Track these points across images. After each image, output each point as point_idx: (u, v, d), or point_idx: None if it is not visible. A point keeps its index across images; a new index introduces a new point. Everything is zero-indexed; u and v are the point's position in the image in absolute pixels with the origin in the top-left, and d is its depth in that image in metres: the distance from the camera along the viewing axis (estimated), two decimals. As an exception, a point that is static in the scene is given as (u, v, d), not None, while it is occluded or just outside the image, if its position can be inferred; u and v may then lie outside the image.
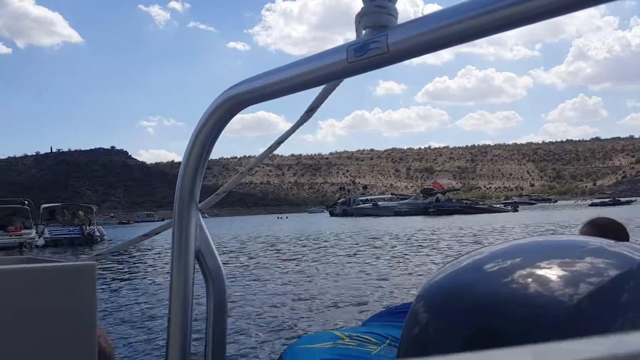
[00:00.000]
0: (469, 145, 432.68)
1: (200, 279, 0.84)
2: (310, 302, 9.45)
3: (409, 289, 9.93)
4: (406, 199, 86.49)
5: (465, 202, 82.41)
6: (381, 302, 8.84)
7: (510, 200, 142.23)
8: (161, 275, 13.51)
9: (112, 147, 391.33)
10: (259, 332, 7.40)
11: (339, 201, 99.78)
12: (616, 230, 2.26)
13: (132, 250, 20.68)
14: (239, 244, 26.15)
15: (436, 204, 72.22)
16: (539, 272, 0.62)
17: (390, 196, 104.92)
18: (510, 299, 0.60)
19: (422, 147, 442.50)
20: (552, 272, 0.62)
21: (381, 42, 0.58)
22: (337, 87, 0.78)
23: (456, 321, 0.63)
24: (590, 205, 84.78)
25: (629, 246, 0.70)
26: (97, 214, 36.37)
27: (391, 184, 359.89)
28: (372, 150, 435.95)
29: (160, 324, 7.87)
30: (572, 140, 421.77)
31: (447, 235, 25.89)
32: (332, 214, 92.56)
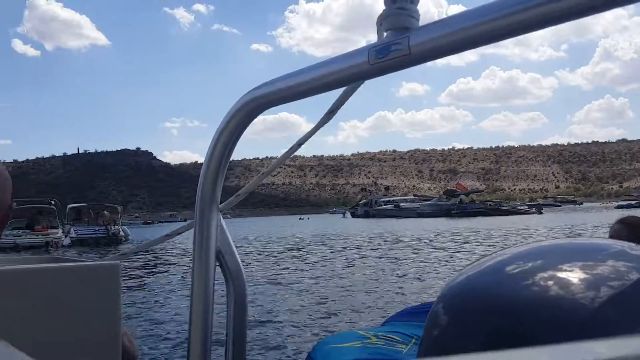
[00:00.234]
0: (493, 146, 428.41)
1: (220, 279, 0.85)
2: (330, 302, 9.45)
3: (429, 290, 9.85)
4: (429, 201, 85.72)
5: (488, 203, 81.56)
6: (401, 303, 8.79)
7: (534, 202, 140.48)
8: (183, 275, 13.64)
9: (138, 149, 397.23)
10: (281, 332, 7.43)
11: (361, 202, 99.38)
12: None
13: (156, 249, 20.94)
14: (262, 244, 26.27)
15: (459, 206, 71.67)
16: (560, 274, 0.62)
17: (412, 197, 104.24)
18: (530, 301, 0.60)
19: (446, 148, 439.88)
20: (573, 275, 0.61)
21: (403, 44, 0.58)
22: (357, 89, 0.79)
23: (476, 323, 0.63)
24: (616, 207, 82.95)
25: None
26: (122, 214, 36.91)
27: (414, 185, 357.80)
28: (394, 151, 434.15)
29: (181, 323, 7.95)
30: (598, 141, 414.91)
31: (469, 237, 25.62)
32: (353, 215, 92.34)
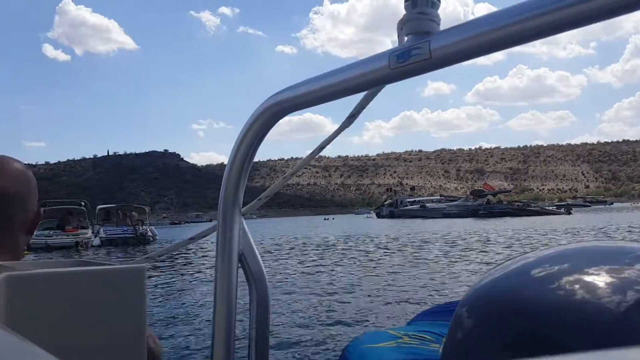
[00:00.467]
0: (521, 145, 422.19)
1: (243, 281, 0.86)
2: (355, 302, 9.45)
3: (454, 291, 9.76)
4: (455, 201, 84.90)
5: (516, 204, 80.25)
6: (424, 303, 8.73)
7: (563, 202, 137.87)
8: (206, 276, 13.77)
9: (165, 150, 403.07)
10: (307, 333, 7.44)
11: (386, 203, 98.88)
12: None
13: (180, 250, 21.19)
14: (287, 245, 26.34)
15: (486, 206, 70.91)
16: (587, 278, 0.60)
17: (439, 198, 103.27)
18: (556, 305, 0.59)
19: (473, 148, 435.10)
20: (600, 279, 0.60)
21: (423, 48, 0.59)
22: (378, 93, 0.79)
23: (501, 326, 0.62)
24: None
25: None
26: (149, 215, 37.45)
27: (440, 186, 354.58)
28: (420, 151, 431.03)
29: (205, 324, 8.01)
30: (629, 140, 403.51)
31: (496, 238, 25.29)
32: (378, 216, 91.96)
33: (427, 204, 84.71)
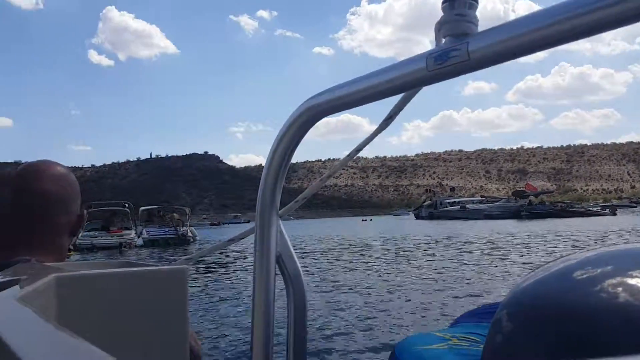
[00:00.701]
0: (564, 145, 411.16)
1: (280, 283, 0.87)
2: (397, 304, 9.36)
3: (495, 293, 9.55)
4: (497, 202, 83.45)
5: (559, 205, 78.08)
6: (466, 306, 8.57)
7: (608, 203, 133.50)
8: (244, 277, 13.88)
9: (205, 152, 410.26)
10: (349, 335, 7.40)
11: (425, 204, 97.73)
12: None
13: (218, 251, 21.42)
14: (325, 246, 26.35)
15: (529, 207, 69.42)
16: (631, 281, 0.58)
17: (479, 199, 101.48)
18: (599, 309, 0.57)
19: (514, 148, 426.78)
20: None
21: (462, 49, 0.58)
22: (415, 95, 0.80)
23: (541, 330, 0.60)
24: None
25: None
26: (189, 216, 38.14)
27: (481, 186, 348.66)
28: (460, 151, 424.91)
29: (243, 324, 8.07)
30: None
31: (538, 239, 24.67)
32: (417, 217, 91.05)
33: (468, 205, 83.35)
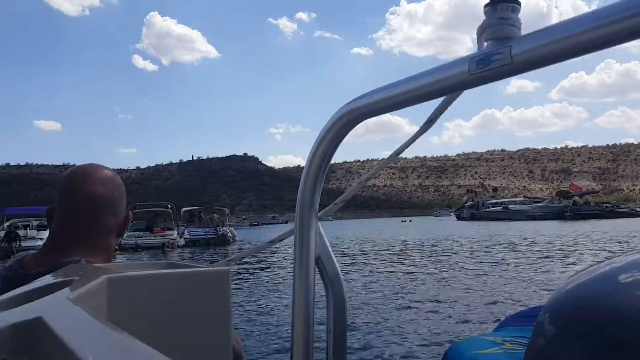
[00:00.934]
0: (610, 144, 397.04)
1: (320, 284, 0.87)
2: (439, 306, 9.28)
3: (539, 295, 9.31)
4: (540, 202, 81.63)
5: (605, 205, 75.50)
6: (508, 310, 8.35)
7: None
8: (284, 278, 13.93)
9: (245, 154, 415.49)
10: (392, 337, 7.36)
11: (467, 204, 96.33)
12: None
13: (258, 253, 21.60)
14: (365, 247, 26.23)
15: (573, 208, 67.95)
16: None
17: (522, 199, 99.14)
18: None
19: (558, 147, 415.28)
20: None
21: (504, 53, 0.58)
22: (457, 98, 0.80)
23: (584, 335, 0.59)
24: None
25: None
26: (229, 217, 38.73)
27: (524, 186, 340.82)
28: (503, 150, 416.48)
29: (283, 325, 8.08)
30: None
31: (583, 241, 23.95)
32: (459, 218, 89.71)
33: (510, 206, 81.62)
